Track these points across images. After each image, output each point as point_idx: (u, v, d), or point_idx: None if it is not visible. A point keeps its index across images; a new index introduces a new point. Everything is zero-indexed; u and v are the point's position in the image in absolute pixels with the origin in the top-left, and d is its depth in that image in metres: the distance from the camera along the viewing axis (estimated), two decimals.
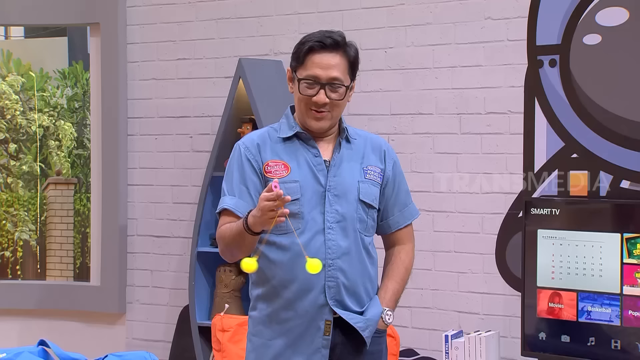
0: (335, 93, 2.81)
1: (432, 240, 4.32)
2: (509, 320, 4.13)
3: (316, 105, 2.81)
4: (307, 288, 2.81)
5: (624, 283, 3.71)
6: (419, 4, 4.33)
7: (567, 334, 3.83)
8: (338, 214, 2.83)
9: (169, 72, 4.96)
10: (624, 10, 3.92)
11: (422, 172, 4.33)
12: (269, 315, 2.86)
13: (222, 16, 4.79)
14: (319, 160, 2.86)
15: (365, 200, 2.86)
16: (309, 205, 2.81)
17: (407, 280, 3.04)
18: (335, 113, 2.84)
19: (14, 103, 5.23)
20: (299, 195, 2.80)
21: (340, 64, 2.82)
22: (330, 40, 2.82)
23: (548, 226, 3.87)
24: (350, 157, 2.89)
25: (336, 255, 2.82)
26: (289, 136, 2.87)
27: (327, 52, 2.81)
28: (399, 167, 2.99)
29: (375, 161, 2.92)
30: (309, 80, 2.80)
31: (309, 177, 2.84)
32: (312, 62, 2.81)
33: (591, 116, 3.98)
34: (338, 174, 2.85)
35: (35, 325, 5.09)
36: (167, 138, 4.96)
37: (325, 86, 2.80)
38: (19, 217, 5.24)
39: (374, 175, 2.90)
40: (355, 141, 2.92)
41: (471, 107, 4.23)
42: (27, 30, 5.54)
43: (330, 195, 2.83)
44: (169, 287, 4.97)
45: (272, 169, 2.84)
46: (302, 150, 2.87)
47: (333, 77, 2.80)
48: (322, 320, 2.82)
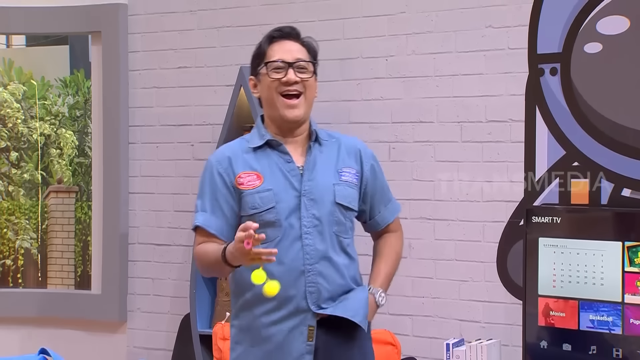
0: (303, 73, 2.87)
1: (433, 249, 4.32)
2: (511, 329, 4.12)
3: (287, 85, 2.84)
4: (289, 295, 2.80)
5: (626, 291, 3.70)
6: (419, 12, 4.34)
7: (568, 343, 3.83)
8: (315, 218, 2.83)
9: (170, 81, 4.97)
10: (625, 18, 3.93)
11: (423, 180, 4.33)
12: (251, 324, 2.86)
13: (223, 24, 4.80)
14: (292, 165, 2.86)
15: (342, 202, 2.87)
16: (285, 212, 2.82)
17: (397, 264, 3.04)
18: (308, 97, 2.89)
19: (16, 111, 5.23)
20: (274, 204, 2.81)
21: (302, 50, 2.91)
22: (288, 29, 2.95)
23: (549, 234, 3.87)
24: (324, 160, 2.90)
25: (314, 260, 2.82)
26: (260, 145, 2.89)
27: (286, 39, 2.92)
28: (377, 165, 3.01)
29: (351, 163, 2.93)
30: (276, 63, 2.86)
31: (283, 183, 2.84)
32: (274, 50, 2.89)
33: (592, 124, 3.98)
34: (312, 178, 2.86)
35: (36, 334, 5.09)
36: (168, 146, 4.96)
37: (292, 65, 2.86)
38: (20, 225, 5.24)
39: (349, 177, 2.91)
40: (327, 143, 2.94)
41: (472, 115, 4.23)
42: (29, 38, 5.55)
43: (306, 199, 2.83)
44: (170, 295, 4.97)
45: (244, 180, 2.86)
46: (273, 157, 2.88)
47: (298, 57, 2.88)
48: (305, 326, 2.82)
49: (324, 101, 4.52)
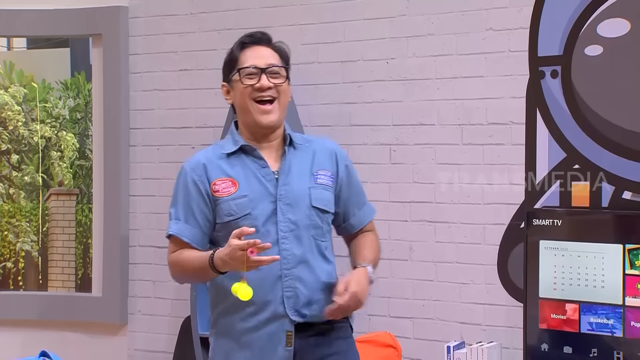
0: (276, 78, 2.85)
1: (434, 251, 4.31)
2: (511, 331, 4.12)
3: (261, 91, 2.83)
4: (266, 300, 2.78)
5: (626, 294, 3.70)
6: (420, 15, 4.34)
7: (569, 345, 3.83)
8: (291, 223, 2.81)
9: (171, 83, 4.97)
10: (626, 21, 3.93)
11: (423, 182, 4.33)
12: (229, 331, 2.84)
13: (224, 27, 4.80)
14: (267, 170, 2.85)
15: (318, 206, 2.85)
16: (261, 218, 2.80)
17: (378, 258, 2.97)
18: (282, 102, 2.86)
19: (16, 114, 5.23)
20: (250, 210, 2.79)
21: (274, 55, 2.89)
22: (259, 34, 2.93)
23: (550, 237, 3.87)
24: (299, 164, 2.88)
25: (292, 264, 2.80)
26: (234, 151, 2.87)
27: (258, 45, 2.91)
28: (351, 168, 2.99)
29: (326, 165, 2.91)
30: (249, 69, 2.85)
31: (258, 189, 2.82)
32: (247, 56, 2.89)
33: (593, 127, 3.98)
34: (287, 182, 2.84)
35: (37, 336, 5.08)
36: (169, 149, 4.96)
37: (265, 71, 2.84)
38: (20, 228, 5.24)
39: (325, 180, 2.89)
40: (302, 147, 2.91)
41: (473, 118, 4.23)
42: (30, 41, 5.55)
43: (282, 204, 2.81)
44: (171, 298, 4.97)
45: (219, 188, 2.84)
46: (248, 163, 2.86)
47: (270, 62, 2.86)
48: (283, 331, 2.79)
49: (324, 104, 4.53)
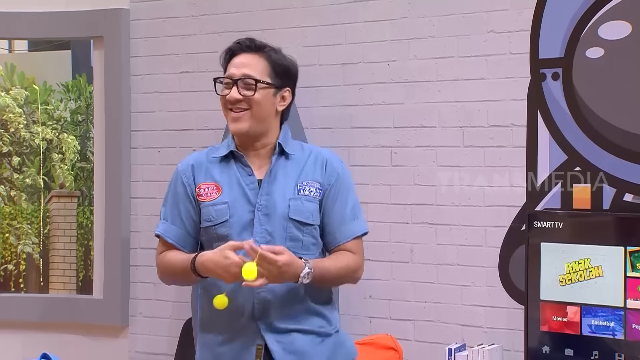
0: (248, 90, 2.77)
1: (435, 253, 4.31)
2: (513, 334, 4.12)
3: (231, 104, 2.79)
4: (238, 312, 2.76)
5: (628, 296, 3.70)
6: (421, 17, 4.34)
7: (570, 348, 3.82)
8: (267, 234, 2.75)
9: (172, 86, 4.97)
10: (627, 23, 3.93)
11: (424, 185, 4.33)
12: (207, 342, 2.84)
13: (225, 29, 4.80)
14: (252, 179, 2.80)
15: (296, 218, 2.77)
16: (238, 227, 2.76)
17: (343, 275, 2.83)
18: (255, 112, 2.78)
19: (18, 116, 5.24)
20: (227, 217, 2.76)
21: (258, 63, 2.80)
22: (246, 42, 2.84)
23: (551, 239, 3.87)
24: (286, 174, 2.82)
25: None
26: (225, 155, 2.84)
27: (245, 52, 2.82)
28: (344, 180, 2.87)
29: (315, 175, 2.83)
30: (225, 80, 2.81)
31: (239, 197, 2.78)
32: (231, 64, 2.82)
33: (594, 129, 3.98)
34: (269, 192, 2.78)
35: (38, 339, 5.08)
36: (170, 151, 4.96)
37: (237, 82, 2.78)
38: (22, 230, 5.24)
39: (310, 191, 2.81)
40: (295, 156, 2.85)
41: (474, 120, 4.23)
42: (31, 43, 5.55)
43: (260, 214, 2.76)
44: (172, 300, 4.97)
45: (203, 192, 2.82)
46: (235, 169, 2.82)
47: (245, 73, 2.78)
48: (254, 345, 2.76)
49: (325, 106, 4.53)
